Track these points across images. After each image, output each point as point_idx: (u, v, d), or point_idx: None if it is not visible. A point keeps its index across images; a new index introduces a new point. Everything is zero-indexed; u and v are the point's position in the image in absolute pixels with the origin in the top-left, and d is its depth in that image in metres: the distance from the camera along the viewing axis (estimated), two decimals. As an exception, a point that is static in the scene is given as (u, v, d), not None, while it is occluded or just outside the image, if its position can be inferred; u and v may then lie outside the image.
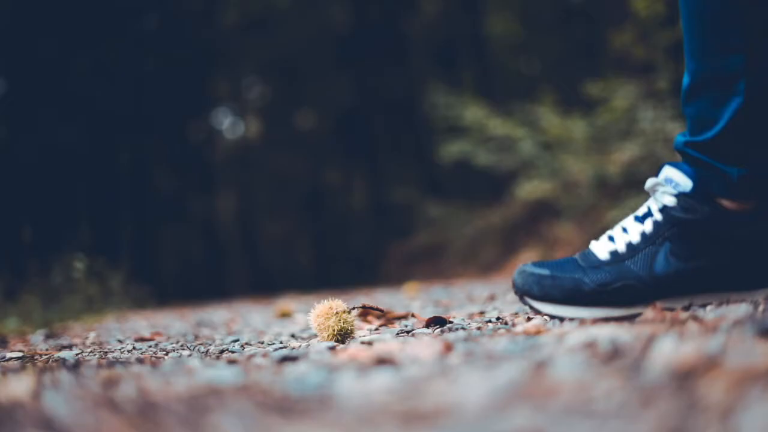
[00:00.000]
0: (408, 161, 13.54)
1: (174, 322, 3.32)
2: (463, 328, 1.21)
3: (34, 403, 0.65)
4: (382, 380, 0.69)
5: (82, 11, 10.51)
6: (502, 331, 1.11)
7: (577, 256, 1.17)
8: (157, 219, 12.59)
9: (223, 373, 0.81)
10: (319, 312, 1.27)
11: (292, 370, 0.82)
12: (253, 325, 2.56)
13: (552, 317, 1.15)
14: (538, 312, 1.15)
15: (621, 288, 1.11)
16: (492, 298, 2.60)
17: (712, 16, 1.06)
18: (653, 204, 1.15)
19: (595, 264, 1.14)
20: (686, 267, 1.11)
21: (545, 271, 1.14)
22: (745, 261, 1.11)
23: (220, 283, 13.25)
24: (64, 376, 0.84)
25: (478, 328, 1.20)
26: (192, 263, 14.69)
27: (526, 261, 2.62)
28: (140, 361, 1.16)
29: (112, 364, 1.07)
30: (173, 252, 14.26)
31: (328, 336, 1.25)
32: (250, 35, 13.80)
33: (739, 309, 0.95)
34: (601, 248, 1.15)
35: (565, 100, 6.50)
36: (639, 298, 1.12)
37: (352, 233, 14.57)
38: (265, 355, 1.09)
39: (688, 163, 1.13)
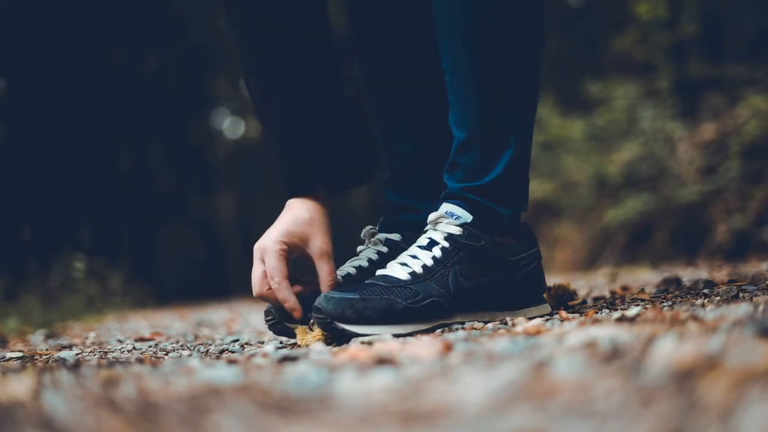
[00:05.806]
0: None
1: (174, 322, 3.32)
2: (462, 328, 1.22)
3: (34, 403, 0.65)
4: (382, 380, 0.69)
5: (82, 11, 10.50)
6: (502, 330, 1.11)
7: (371, 280, 1.25)
8: (157, 219, 12.57)
9: (223, 373, 0.81)
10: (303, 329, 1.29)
11: (292, 370, 0.82)
12: (253, 325, 2.56)
13: (365, 336, 1.19)
14: (352, 334, 1.19)
15: (429, 304, 1.22)
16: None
17: (491, 87, 1.29)
18: (435, 234, 1.28)
19: (399, 284, 1.23)
20: (474, 285, 1.26)
21: (355, 295, 1.21)
22: (515, 284, 1.31)
23: (220, 283, 13.22)
24: (64, 376, 0.84)
25: (479, 328, 1.20)
26: (192, 263, 14.66)
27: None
28: (140, 361, 1.16)
29: (112, 364, 1.07)
30: (173, 252, 14.23)
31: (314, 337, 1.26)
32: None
33: (739, 309, 0.95)
34: (397, 271, 1.25)
35: (565, 100, 6.49)
36: (443, 312, 1.25)
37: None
38: (265, 355, 1.09)
39: (464, 205, 1.30)
